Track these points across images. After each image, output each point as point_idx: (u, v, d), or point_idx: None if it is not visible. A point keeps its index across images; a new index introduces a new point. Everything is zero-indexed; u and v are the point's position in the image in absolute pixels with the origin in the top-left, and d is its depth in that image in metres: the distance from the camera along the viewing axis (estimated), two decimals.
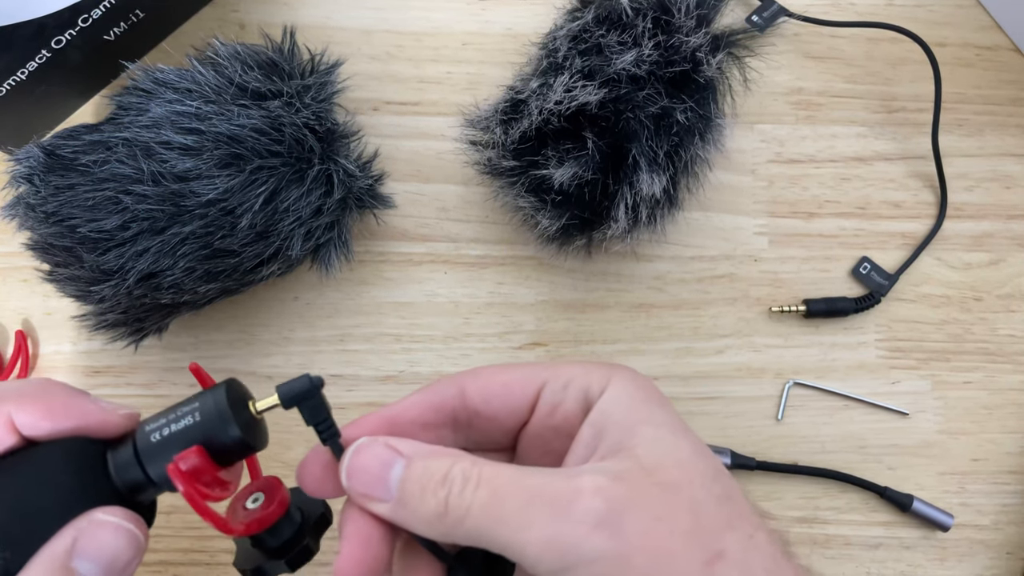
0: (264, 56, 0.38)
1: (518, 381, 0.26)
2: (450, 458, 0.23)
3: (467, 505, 0.22)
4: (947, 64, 0.45)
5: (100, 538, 0.23)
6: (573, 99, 0.35)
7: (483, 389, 0.26)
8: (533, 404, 0.25)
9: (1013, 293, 0.43)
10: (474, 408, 0.26)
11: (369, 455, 0.24)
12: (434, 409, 0.26)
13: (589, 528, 0.21)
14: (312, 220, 0.37)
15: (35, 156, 0.35)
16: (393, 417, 0.25)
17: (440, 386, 0.26)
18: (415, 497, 0.23)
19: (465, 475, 0.22)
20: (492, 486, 0.22)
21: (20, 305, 0.42)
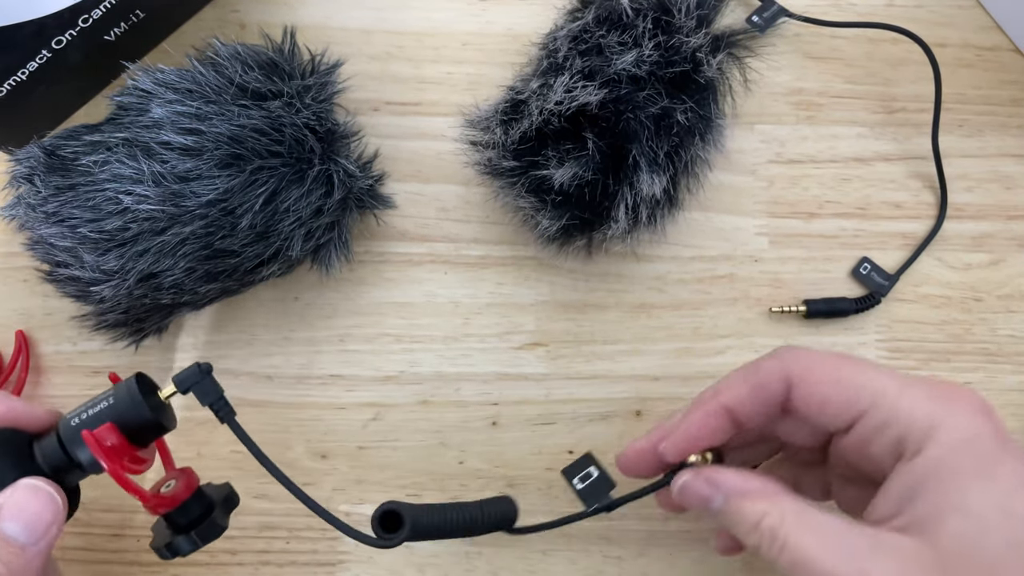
0: (264, 56, 0.38)
1: (835, 405, 0.27)
2: (761, 507, 0.26)
3: (775, 559, 0.25)
4: (947, 65, 0.45)
5: (22, 501, 0.26)
6: (573, 99, 0.35)
7: (803, 400, 0.27)
8: (850, 425, 0.27)
9: (1013, 293, 0.43)
10: (793, 407, 0.28)
11: (691, 493, 0.29)
12: (760, 405, 0.28)
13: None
14: (312, 220, 0.37)
15: (35, 156, 0.35)
16: (724, 407, 0.29)
17: (767, 379, 0.28)
18: (731, 523, 0.27)
19: (773, 533, 0.25)
20: (794, 558, 0.25)
21: (20, 305, 0.42)
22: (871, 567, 0.23)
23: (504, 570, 0.39)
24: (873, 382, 0.26)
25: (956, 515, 0.24)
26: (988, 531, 0.23)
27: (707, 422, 0.29)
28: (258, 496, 0.39)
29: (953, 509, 0.24)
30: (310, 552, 0.39)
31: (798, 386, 0.27)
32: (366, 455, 0.40)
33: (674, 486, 0.30)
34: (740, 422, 0.29)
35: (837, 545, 0.24)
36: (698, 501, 0.29)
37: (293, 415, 0.41)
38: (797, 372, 0.27)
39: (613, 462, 0.34)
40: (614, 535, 0.39)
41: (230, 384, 0.41)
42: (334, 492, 0.40)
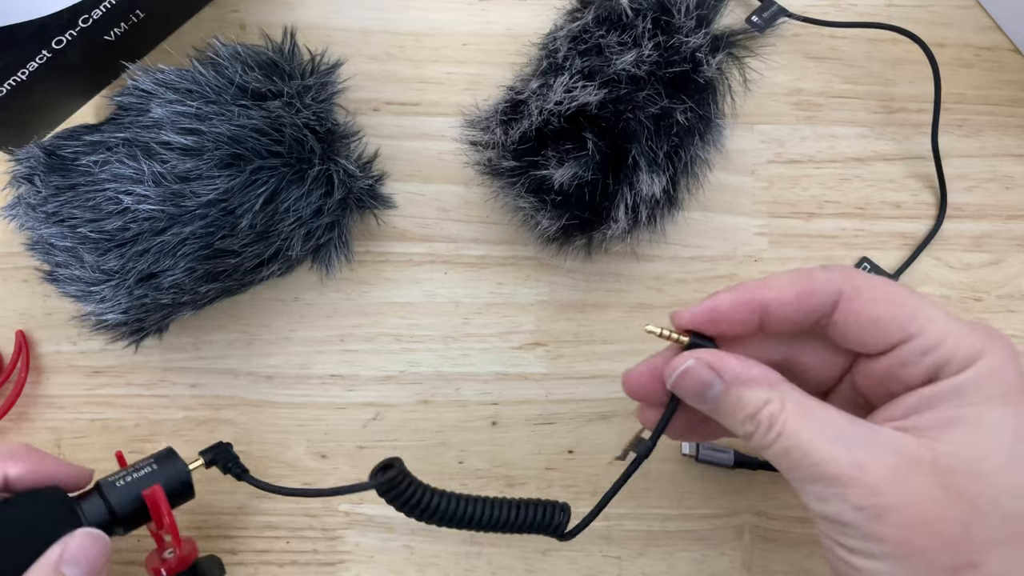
0: (264, 56, 0.38)
1: (884, 326, 0.26)
2: (762, 393, 0.26)
3: (767, 447, 0.26)
4: (947, 65, 0.45)
5: (82, 546, 0.29)
6: (573, 99, 0.35)
7: (852, 315, 0.27)
8: (888, 351, 0.27)
9: (1013, 293, 0.43)
10: (834, 322, 0.27)
11: (692, 378, 0.28)
12: (803, 312, 0.28)
13: (853, 508, 0.24)
14: (312, 220, 0.37)
15: (36, 156, 0.35)
16: (765, 303, 0.28)
17: (818, 286, 0.27)
18: (727, 413, 0.28)
19: (771, 420, 0.26)
20: (788, 444, 0.25)
21: (21, 305, 0.42)
22: (866, 458, 0.24)
23: (504, 570, 0.39)
24: (924, 308, 0.26)
25: (965, 426, 0.24)
26: (994, 444, 0.24)
27: (737, 308, 0.28)
28: (259, 496, 0.40)
29: (963, 421, 0.24)
30: (310, 552, 0.39)
31: (850, 300, 0.27)
32: (366, 455, 0.40)
33: (673, 368, 0.29)
34: (767, 324, 0.28)
35: (834, 435, 0.25)
36: (697, 387, 0.28)
37: (293, 415, 0.41)
38: (851, 287, 0.27)
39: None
40: (614, 535, 0.39)
41: (230, 384, 0.41)
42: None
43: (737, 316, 0.28)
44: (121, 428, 0.40)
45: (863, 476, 0.24)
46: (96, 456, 0.40)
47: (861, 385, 0.29)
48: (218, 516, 0.39)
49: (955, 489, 0.23)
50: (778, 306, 0.27)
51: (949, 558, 0.23)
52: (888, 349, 0.27)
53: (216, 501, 0.39)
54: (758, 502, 0.40)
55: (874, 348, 0.27)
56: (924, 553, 0.23)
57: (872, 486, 0.24)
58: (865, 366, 0.28)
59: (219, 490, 0.40)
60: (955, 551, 0.23)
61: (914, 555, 0.23)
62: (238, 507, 0.39)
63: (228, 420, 0.40)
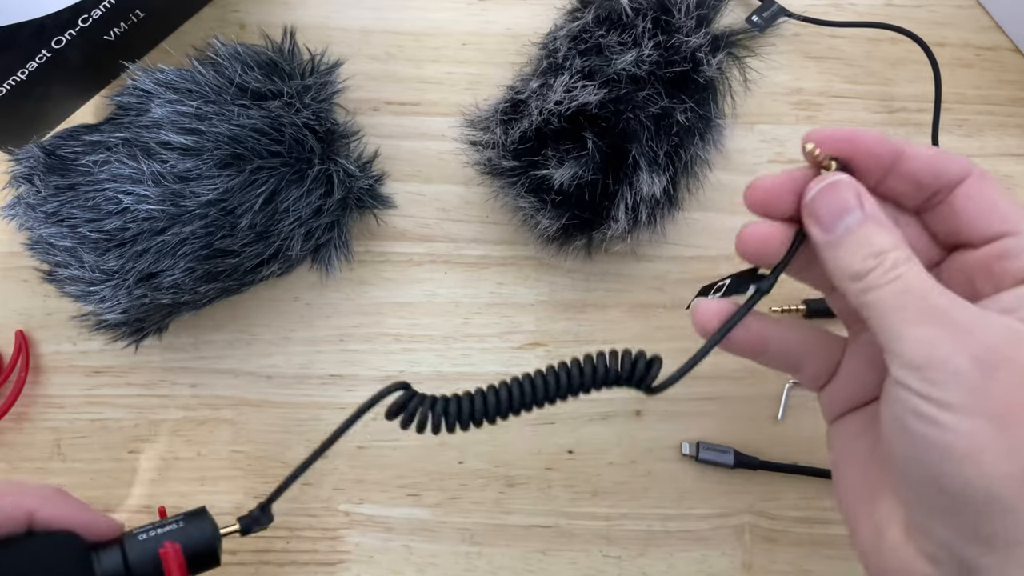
0: (264, 56, 0.38)
1: (1001, 213, 0.26)
2: (894, 239, 0.26)
3: (882, 284, 0.25)
4: (947, 64, 0.45)
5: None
6: (573, 99, 0.35)
7: (976, 193, 0.27)
8: (992, 239, 0.27)
9: None
10: (952, 200, 0.27)
11: (838, 195, 0.27)
12: (933, 173, 0.27)
13: (967, 354, 0.23)
14: (312, 220, 0.37)
15: (35, 156, 0.35)
16: (902, 149, 0.27)
17: (953, 158, 0.27)
18: (849, 249, 0.26)
19: (896, 262, 0.25)
20: (910, 284, 0.24)
21: (20, 305, 0.42)
22: (982, 320, 0.24)
23: (504, 569, 0.39)
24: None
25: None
26: None
27: (879, 142, 0.27)
28: (259, 496, 0.39)
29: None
30: (310, 552, 0.39)
31: (975, 180, 0.27)
32: (366, 455, 0.40)
33: (815, 183, 0.27)
34: (894, 175, 0.28)
35: (952, 296, 0.24)
36: (838, 207, 0.26)
37: (293, 415, 0.41)
38: (978, 171, 0.27)
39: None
40: (614, 535, 0.39)
41: (230, 384, 0.41)
42: (334, 492, 0.40)
43: (876, 149, 0.27)
44: (121, 428, 0.40)
45: (979, 330, 0.23)
46: (96, 456, 0.40)
47: (946, 279, 0.28)
48: (217, 517, 0.39)
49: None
50: (913, 158, 0.27)
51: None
52: (993, 238, 0.26)
53: (216, 501, 0.39)
54: (758, 502, 0.40)
55: (981, 233, 0.27)
56: (1019, 418, 0.22)
57: (988, 340, 0.23)
58: (958, 259, 0.28)
59: (219, 490, 0.40)
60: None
61: (1012, 418, 0.22)
62: (237, 507, 0.39)
63: (228, 420, 0.40)
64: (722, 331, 0.29)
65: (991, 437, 0.22)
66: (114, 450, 0.40)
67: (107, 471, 0.40)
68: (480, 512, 0.39)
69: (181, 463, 0.40)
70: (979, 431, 0.22)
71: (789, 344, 0.31)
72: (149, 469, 0.40)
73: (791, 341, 0.31)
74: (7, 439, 0.40)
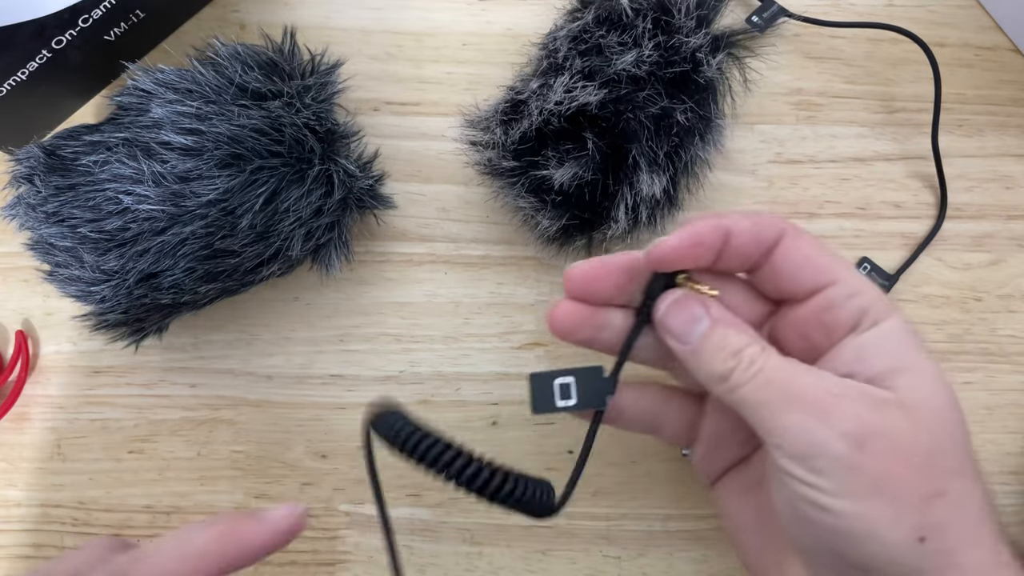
0: (264, 56, 0.38)
1: (816, 266, 0.28)
2: (745, 337, 0.27)
3: (746, 382, 0.26)
4: (947, 64, 0.45)
5: None
6: (573, 100, 0.35)
7: (791, 252, 0.28)
8: (815, 292, 0.28)
9: (1013, 293, 0.43)
10: (772, 260, 0.28)
11: (686, 309, 0.28)
12: (754, 243, 0.28)
13: (838, 435, 0.24)
14: (312, 220, 0.37)
15: (35, 156, 0.35)
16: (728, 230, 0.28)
17: (768, 223, 0.28)
18: (708, 354, 0.27)
19: (752, 359, 0.26)
20: (770, 376, 0.26)
21: (20, 305, 0.42)
22: (843, 391, 0.25)
23: (504, 570, 0.39)
24: (845, 261, 0.28)
25: (911, 372, 0.26)
26: (937, 389, 0.26)
27: (707, 233, 0.28)
28: (258, 496, 0.40)
29: (907, 368, 0.26)
30: (310, 552, 0.39)
31: (789, 240, 0.28)
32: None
33: (663, 301, 0.29)
34: (723, 254, 0.28)
35: (810, 374, 0.26)
36: (687, 320, 0.28)
37: (293, 415, 0.41)
38: (792, 230, 0.28)
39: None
40: (614, 535, 0.39)
41: (230, 384, 0.41)
42: (334, 492, 0.40)
43: (711, 240, 0.28)
44: (121, 428, 0.40)
45: (844, 404, 0.25)
46: (96, 456, 0.40)
47: (782, 338, 0.29)
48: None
49: (920, 423, 0.25)
50: (738, 232, 0.28)
51: (922, 487, 0.24)
52: (816, 290, 0.28)
53: (215, 501, 0.39)
54: None
55: (804, 287, 0.28)
56: (902, 483, 0.24)
57: (856, 412, 0.24)
58: (789, 316, 0.29)
59: (218, 489, 0.40)
60: (926, 480, 0.24)
61: (893, 487, 0.24)
62: (237, 506, 0.39)
63: (228, 420, 0.40)
64: (588, 441, 0.30)
65: (880, 510, 0.24)
66: (114, 450, 0.40)
67: (107, 471, 0.40)
68: (480, 512, 0.39)
69: (181, 463, 0.40)
70: (870, 509, 0.24)
71: (643, 410, 0.32)
72: (149, 469, 0.40)
73: (644, 408, 0.32)
74: (7, 439, 0.40)
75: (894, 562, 0.24)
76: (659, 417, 0.32)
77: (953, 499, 0.24)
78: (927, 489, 0.24)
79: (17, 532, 0.39)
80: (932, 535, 0.24)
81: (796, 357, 0.28)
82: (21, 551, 0.39)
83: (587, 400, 0.30)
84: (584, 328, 0.30)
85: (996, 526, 0.25)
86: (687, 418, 0.32)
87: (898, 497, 0.24)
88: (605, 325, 0.30)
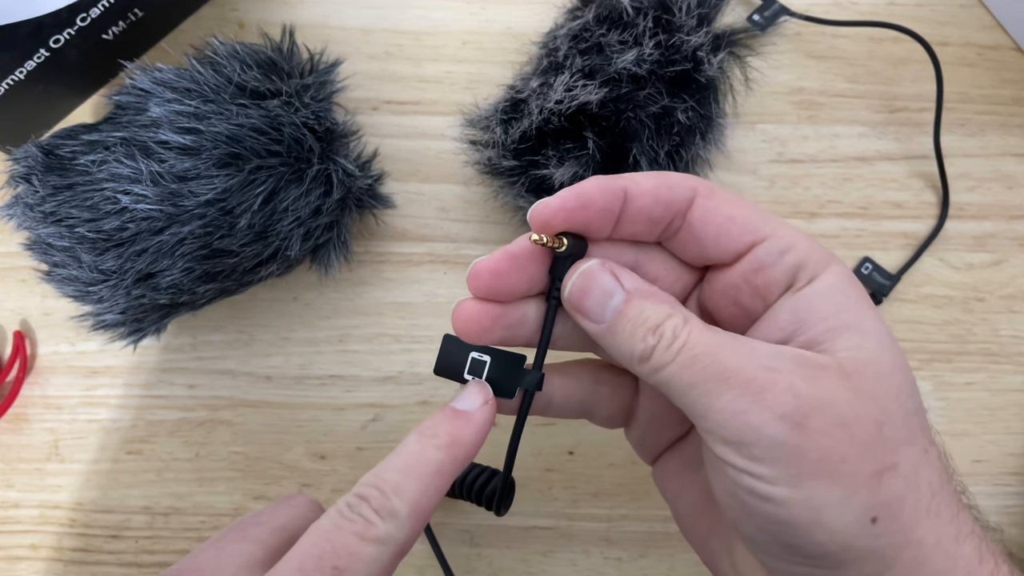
0: (263, 55, 0.37)
1: (740, 224, 0.25)
2: (666, 308, 0.24)
3: (669, 361, 0.23)
4: (949, 64, 0.45)
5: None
6: (574, 98, 0.35)
7: (709, 211, 0.25)
8: (743, 253, 0.25)
9: (1015, 294, 0.42)
10: (689, 223, 0.25)
11: (595, 282, 0.25)
12: (661, 204, 0.25)
13: (774, 417, 0.22)
14: (311, 220, 0.37)
15: (33, 156, 0.35)
16: (624, 189, 0.25)
17: (674, 182, 0.25)
18: (625, 332, 0.24)
19: (675, 332, 0.23)
20: (696, 352, 0.23)
21: (18, 305, 0.41)
22: (777, 364, 0.22)
23: (504, 571, 0.39)
24: (773, 216, 0.26)
25: (852, 332, 0.23)
26: (882, 349, 0.23)
27: (604, 191, 0.25)
28: (257, 497, 0.39)
29: (848, 327, 0.23)
30: None
31: (706, 198, 0.25)
32: (365, 456, 0.40)
33: (571, 275, 0.26)
34: (625, 217, 0.26)
35: (740, 346, 0.23)
36: (599, 296, 0.25)
37: (292, 416, 0.40)
38: (704, 188, 0.25)
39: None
40: (614, 536, 0.39)
41: (228, 385, 0.41)
42: (333, 493, 0.39)
43: (603, 201, 0.25)
44: (119, 429, 0.40)
45: (779, 378, 0.22)
46: (94, 457, 0.40)
47: (712, 307, 0.27)
48: (217, 517, 0.39)
49: (863, 390, 0.22)
50: (638, 194, 0.25)
51: (871, 463, 0.22)
52: (744, 251, 0.25)
53: (214, 502, 0.39)
54: None
55: (730, 249, 0.25)
56: (848, 462, 0.22)
57: (791, 387, 0.22)
58: (717, 281, 0.26)
59: (217, 491, 0.39)
60: (875, 455, 0.22)
61: (839, 466, 0.22)
62: (235, 507, 0.39)
63: (226, 421, 0.40)
64: (513, 444, 0.28)
65: (825, 494, 0.22)
66: (112, 451, 0.40)
67: (105, 472, 0.40)
68: (480, 513, 0.39)
69: (179, 464, 0.40)
70: (815, 494, 0.22)
71: (571, 396, 0.30)
72: (147, 470, 0.40)
73: (572, 394, 0.30)
74: (5, 440, 0.40)
75: (846, 547, 0.22)
76: (590, 401, 0.30)
77: (905, 470, 0.22)
78: (877, 464, 0.22)
79: (15, 533, 0.39)
80: (884, 513, 0.22)
81: (729, 326, 0.26)
82: (19, 552, 0.39)
83: (495, 386, 0.27)
84: (495, 330, 0.27)
85: (955, 494, 0.24)
86: (621, 398, 0.30)
87: (845, 477, 0.22)
88: (519, 323, 0.27)
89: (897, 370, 0.23)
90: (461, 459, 0.25)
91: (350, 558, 0.22)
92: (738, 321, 0.26)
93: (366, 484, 0.24)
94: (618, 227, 0.26)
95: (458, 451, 0.25)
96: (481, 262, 0.26)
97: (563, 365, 0.30)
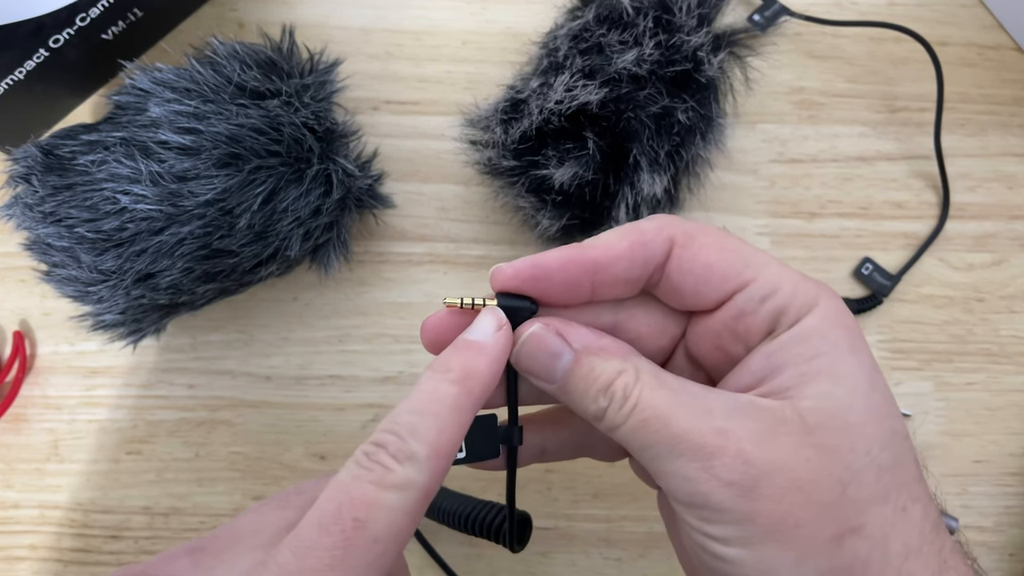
0: (263, 55, 0.37)
1: (719, 272, 0.24)
2: (616, 363, 0.24)
3: (621, 423, 0.23)
4: (950, 64, 0.45)
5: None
6: (574, 98, 0.35)
7: (686, 262, 0.24)
8: (723, 301, 0.25)
9: (1016, 294, 0.42)
10: (667, 275, 0.25)
11: (541, 344, 0.25)
12: (638, 265, 0.25)
13: (722, 485, 0.21)
14: (311, 220, 0.37)
15: (33, 156, 0.35)
16: (594, 261, 0.25)
17: (649, 237, 0.24)
18: (577, 391, 0.24)
19: (626, 391, 0.23)
20: (646, 415, 0.23)
21: (18, 305, 0.41)
22: (730, 426, 0.22)
23: (504, 571, 0.39)
24: (757, 254, 0.25)
25: (822, 378, 0.23)
26: (854, 394, 0.22)
27: (567, 265, 0.24)
28: (256, 497, 0.39)
29: (819, 373, 0.23)
30: None
31: (683, 247, 0.24)
32: None
33: (519, 336, 0.25)
34: (599, 287, 0.25)
35: (693, 404, 0.23)
36: (545, 358, 0.24)
37: (292, 416, 0.40)
38: (681, 234, 0.24)
39: None
40: (614, 537, 0.39)
41: (228, 385, 0.41)
42: None
43: (566, 274, 0.25)
44: (119, 429, 0.40)
45: (729, 444, 0.22)
46: (93, 457, 0.40)
47: (697, 352, 0.26)
48: (216, 518, 0.39)
49: (826, 447, 0.22)
50: (610, 261, 0.24)
51: (831, 526, 0.21)
52: (724, 299, 0.25)
53: (214, 502, 0.39)
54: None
55: (710, 298, 0.25)
56: (803, 526, 0.21)
57: (740, 453, 0.21)
58: (700, 327, 0.26)
59: (216, 491, 0.39)
60: (835, 517, 0.21)
61: (793, 531, 0.21)
62: (235, 508, 0.39)
63: (226, 421, 0.40)
64: (510, 499, 0.28)
65: (779, 557, 0.21)
66: (112, 451, 0.40)
67: (104, 472, 0.40)
68: None
69: (179, 464, 0.40)
70: (765, 557, 0.21)
71: (566, 441, 0.29)
72: (147, 470, 0.40)
73: (566, 438, 0.29)
74: (4, 440, 0.40)
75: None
76: (586, 442, 0.29)
77: (872, 532, 0.21)
78: (836, 527, 0.21)
79: (14, 533, 0.39)
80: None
81: (713, 370, 0.26)
82: (18, 552, 0.39)
83: (476, 452, 0.27)
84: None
85: (940, 552, 0.22)
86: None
87: (800, 540, 0.21)
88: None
89: (871, 421, 0.22)
90: (478, 393, 0.24)
91: (370, 508, 0.21)
92: (721, 366, 0.26)
93: (382, 430, 0.23)
94: (596, 294, 0.25)
95: (474, 384, 0.24)
96: (428, 319, 0.26)
97: (551, 411, 0.30)
